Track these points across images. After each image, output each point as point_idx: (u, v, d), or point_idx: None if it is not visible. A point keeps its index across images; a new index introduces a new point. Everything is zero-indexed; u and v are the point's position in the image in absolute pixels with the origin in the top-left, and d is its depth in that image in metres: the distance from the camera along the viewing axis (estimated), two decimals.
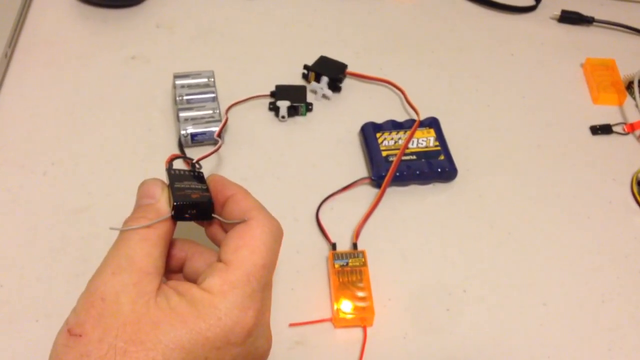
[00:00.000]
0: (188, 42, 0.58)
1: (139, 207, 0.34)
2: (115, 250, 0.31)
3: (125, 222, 0.33)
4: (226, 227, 0.35)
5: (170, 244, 0.34)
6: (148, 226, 0.32)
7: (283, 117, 0.52)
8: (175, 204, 0.33)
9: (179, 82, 0.52)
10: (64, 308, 0.39)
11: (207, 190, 0.36)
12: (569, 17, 0.63)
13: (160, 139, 0.51)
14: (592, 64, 0.58)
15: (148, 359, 0.28)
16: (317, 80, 0.54)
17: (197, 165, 0.40)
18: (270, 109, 0.53)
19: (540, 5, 0.64)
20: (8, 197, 0.46)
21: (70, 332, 0.29)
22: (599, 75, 0.57)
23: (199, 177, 0.37)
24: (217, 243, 0.36)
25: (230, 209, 0.34)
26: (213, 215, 0.35)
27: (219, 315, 0.29)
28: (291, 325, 0.40)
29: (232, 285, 0.30)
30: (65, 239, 0.44)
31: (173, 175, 0.36)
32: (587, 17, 0.63)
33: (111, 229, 0.32)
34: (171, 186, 0.35)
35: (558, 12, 0.63)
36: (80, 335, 0.28)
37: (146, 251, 0.31)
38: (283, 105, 0.52)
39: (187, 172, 0.37)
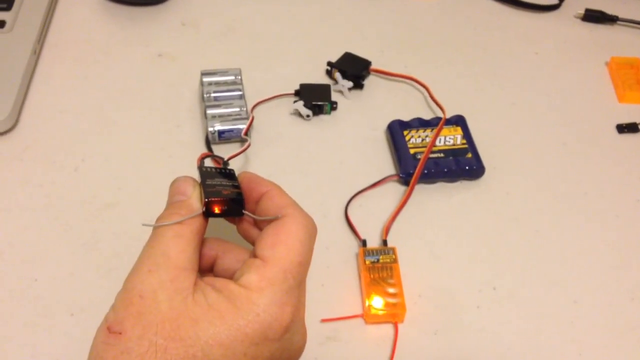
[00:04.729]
0: (213, 39, 0.59)
1: (170, 204, 0.34)
2: (150, 248, 0.31)
3: (158, 219, 0.33)
4: (260, 224, 0.35)
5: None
6: (180, 222, 0.32)
7: (308, 116, 0.52)
8: (206, 200, 0.33)
9: (206, 79, 0.52)
10: (98, 302, 0.40)
11: (238, 187, 0.36)
12: (593, 16, 0.63)
13: (187, 136, 0.51)
14: (617, 63, 0.58)
15: (188, 355, 0.28)
16: (341, 76, 0.54)
17: (227, 164, 0.40)
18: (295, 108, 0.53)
19: (564, 4, 0.64)
20: (41, 192, 0.46)
21: (110, 329, 0.29)
22: (624, 73, 0.57)
23: (230, 175, 0.37)
24: (250, 240, 0.36)
25: (264, 206, 0.35)
26: (244, 211, 0.35)
27: (257, 311, 0.30)
28: (323, 320, 0.41)
29: (270, 281, 0.30)
30: (97, 233, 0.44)
31: (204, 173, 0.36)
32: (610, 15, 0.63)
33: (144, 225, 0.32)
34: (202, 183, 0.35)
35: (582, 11, 0.63)
36: (120, 333, 0.28)
37: (181, 247, 0.31)
38: (299, 105, 0.52)
39: (218, 170, 0.37)
